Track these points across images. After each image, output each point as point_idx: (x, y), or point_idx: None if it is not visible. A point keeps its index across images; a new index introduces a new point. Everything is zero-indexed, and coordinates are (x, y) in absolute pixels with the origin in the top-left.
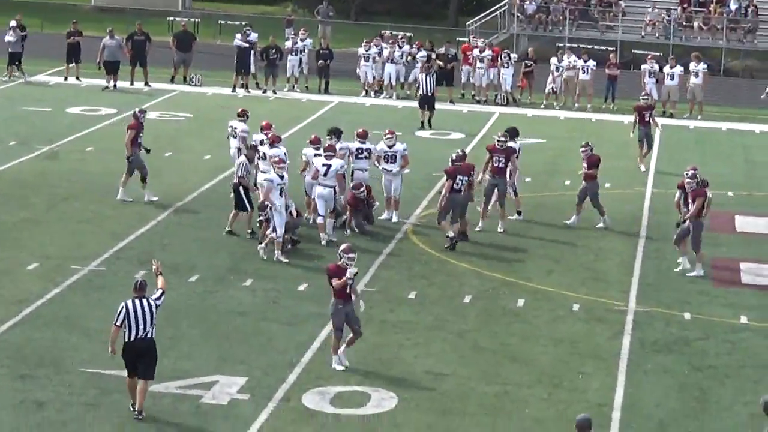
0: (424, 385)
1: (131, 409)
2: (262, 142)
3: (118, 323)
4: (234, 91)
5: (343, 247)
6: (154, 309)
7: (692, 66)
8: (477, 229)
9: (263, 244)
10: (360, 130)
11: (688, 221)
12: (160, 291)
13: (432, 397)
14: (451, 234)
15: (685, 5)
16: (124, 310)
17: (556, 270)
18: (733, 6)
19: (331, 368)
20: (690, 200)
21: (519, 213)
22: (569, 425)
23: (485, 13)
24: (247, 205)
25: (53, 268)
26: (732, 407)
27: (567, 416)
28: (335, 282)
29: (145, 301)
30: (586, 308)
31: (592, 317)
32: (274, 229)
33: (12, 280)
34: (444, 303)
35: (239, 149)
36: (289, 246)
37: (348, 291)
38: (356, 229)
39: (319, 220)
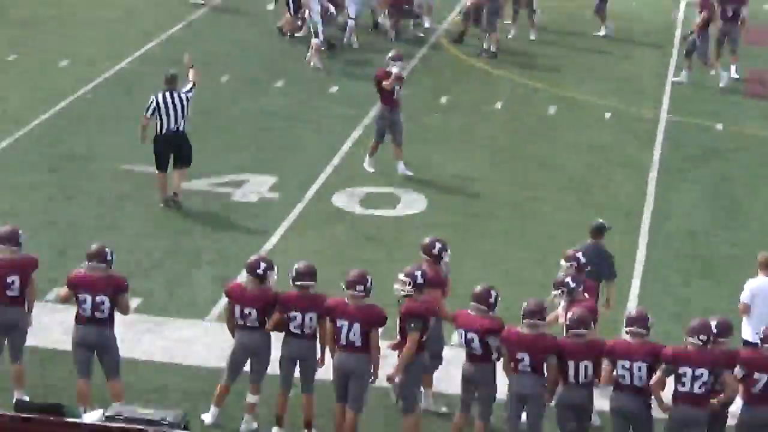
0: (454, 188)
1: (161, 205)
2: None
3: (148, 115)
4: None
5: (391, 54)
6: (185, 101)
7: None
8: (509, 36)
9: (311, 54)
10: None
11: (694, 34)
12: (191, 84)
13: (461, 199)
14: (494, 48)
15: None
16: (154, 102)
17: (589, 78)
18: None
19: (361, 168)
20: (698, 11)
21: (534, 11)
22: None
23: None
24: (292, 10)
25: (84, 66)
26: (762, 217)
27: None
28: (385, 83)
29: (176, 93)
30: (618, 117)
31: (623, 126)
32: (316, 35)
33: (43, 77)
34: (475, 109)
35: None
36: (324, 48)
37: (395, 97)
38: (393, 34)
39: (350, 23)
